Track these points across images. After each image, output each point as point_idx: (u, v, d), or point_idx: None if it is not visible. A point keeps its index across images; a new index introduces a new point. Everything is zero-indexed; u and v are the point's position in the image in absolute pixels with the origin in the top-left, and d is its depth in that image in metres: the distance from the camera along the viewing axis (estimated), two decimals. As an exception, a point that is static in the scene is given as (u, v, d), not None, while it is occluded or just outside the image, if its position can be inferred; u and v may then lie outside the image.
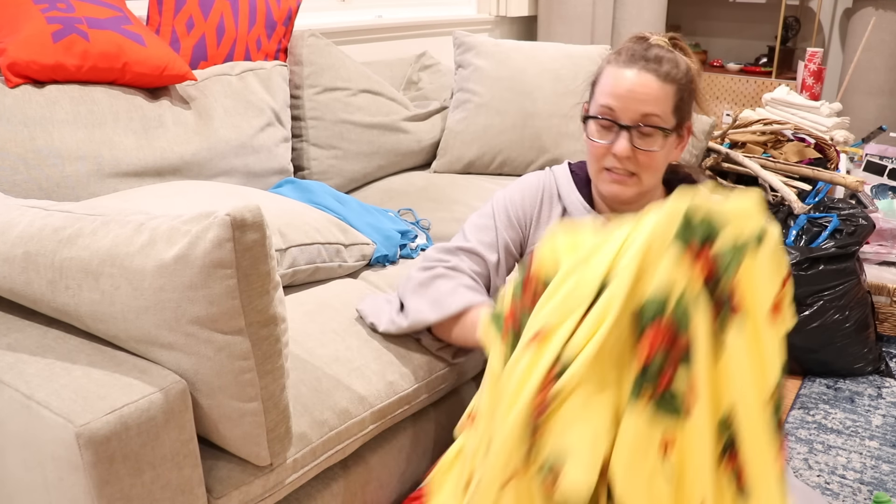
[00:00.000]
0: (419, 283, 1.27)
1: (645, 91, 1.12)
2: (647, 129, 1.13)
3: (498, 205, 1.33)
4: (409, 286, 1.28)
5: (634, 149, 1.14)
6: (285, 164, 1.87)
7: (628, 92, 1.13)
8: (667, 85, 1.13)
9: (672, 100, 1.14)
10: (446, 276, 1.26)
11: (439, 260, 1.29)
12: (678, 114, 1.16)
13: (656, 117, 1.13)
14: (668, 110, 1.14)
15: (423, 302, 1.25)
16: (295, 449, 1.06)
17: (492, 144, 2.22)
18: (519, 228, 1.32)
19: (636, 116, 1.13)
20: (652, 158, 1.15)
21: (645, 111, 1.13)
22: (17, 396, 0.88)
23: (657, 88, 1.13)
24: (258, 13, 1.91)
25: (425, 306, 1.24)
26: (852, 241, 1.96)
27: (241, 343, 0.90)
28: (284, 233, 1.32)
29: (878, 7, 3.28)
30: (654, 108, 1.13)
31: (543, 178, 1.33)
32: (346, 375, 1.18)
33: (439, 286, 1.25)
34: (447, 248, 1.31)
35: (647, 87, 1.12)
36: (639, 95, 1.12)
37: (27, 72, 1.44)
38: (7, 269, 0.98)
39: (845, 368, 2.03)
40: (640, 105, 1.13)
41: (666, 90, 1.13)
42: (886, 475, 1.65)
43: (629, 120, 1.14)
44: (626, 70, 1.14)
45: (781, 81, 3.49)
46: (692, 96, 1.19)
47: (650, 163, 1.15)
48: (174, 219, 0.90)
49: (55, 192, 1.42)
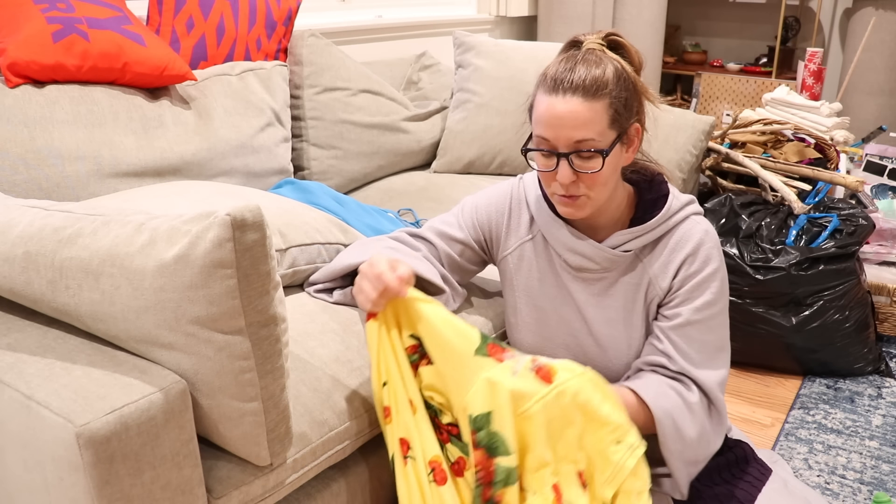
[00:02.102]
0: (360, 242, 1.35)
1: (573, 117, 1.09)
2: (584, 153, 1.11)
3: (466, 207, 1.37)
4: (351, 245, 1.37)
5: (577, 173, 1.13)
6: (285, 164, 1.87)
7: (558, 120, 1.10)
8: (596, 102, 1.10)
9: (605, 115, 1.11)
10: (381, 241, 1.32)
11: (388, 234, 1.36)
12: (616, 125, 1.12)
13: (591, 140, 1.10)
14: (604, 127, 1.11)
15: (350, 252, 1.31)
16: (295, 449, 1.06)
17: (492, 144, 2.22)
18: (481, 233, 1.35)
19: (571, 143, 1.11)
20: (596, 178, 1.13)
21: (578, 137, 1.10)
22: (17, 396, 0.88)
23: (585, 111, 1.09)
24: (258, 13, 1.91)
25: (348, 254, 1.30)
26: (852, 241, 1.96)
27: (242, 343, 0.90)
28: (284, 233, 1.32)
29: (878, 7, 3.28)
30: (586, 132, 1.10)
31: (513, 186, 1.35)
32: (346, 375, 1.18)
33: (372, 246, 1.30)
34: (403, 230, 1.37)
35: (575, 112, 1.09)
36: (569, 122, 1.10)
37: (27, 72, 1.44)
38: (7, 269, 0.98)
39: (845, 368, 2.04)
40: (571, 132, 1.10)
41: (595, 108, 1.10)
42: (886, 475, 1.65)
43: (565, 147, 1.12)
44: (552, 97, 1.11)
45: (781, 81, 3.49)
46: (633, 100, 1.15)
47: (596, 182, 1.13)
48: (174, 219, 0.90)
49: (55, 192, 1.42)
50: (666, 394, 1.18)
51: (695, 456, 1.21)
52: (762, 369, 2.10)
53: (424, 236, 1.36)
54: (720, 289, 1.22)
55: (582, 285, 1.27)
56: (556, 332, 1.31)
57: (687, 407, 1.19)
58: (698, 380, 1.20)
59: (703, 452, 1.22)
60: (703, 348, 1.21)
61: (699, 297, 1.20)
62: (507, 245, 1.34)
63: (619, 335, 1.26)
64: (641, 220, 1.23)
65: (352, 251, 1.32)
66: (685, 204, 1.24)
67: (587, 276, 1.26)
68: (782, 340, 1.99)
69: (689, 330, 1.21)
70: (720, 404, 1.23)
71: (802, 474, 1.65)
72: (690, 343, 1.21)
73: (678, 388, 1.20)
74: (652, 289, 1.23)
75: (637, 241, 1.22)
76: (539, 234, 1.31)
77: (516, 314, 1.34)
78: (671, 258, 1.22)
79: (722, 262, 1.23)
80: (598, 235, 1.26)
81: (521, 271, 1.32)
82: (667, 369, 1.22)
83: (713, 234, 1.23)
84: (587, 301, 1.27)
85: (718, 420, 1.24)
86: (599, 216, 1.23)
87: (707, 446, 1.22)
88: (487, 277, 1.55)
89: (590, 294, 1.27)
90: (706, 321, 1.21)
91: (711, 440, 1.22)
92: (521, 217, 1.33)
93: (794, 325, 1.96)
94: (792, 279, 1.93)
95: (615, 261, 1.23)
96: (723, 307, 1.23)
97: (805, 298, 1.95)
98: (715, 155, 2.46)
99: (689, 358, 1.21)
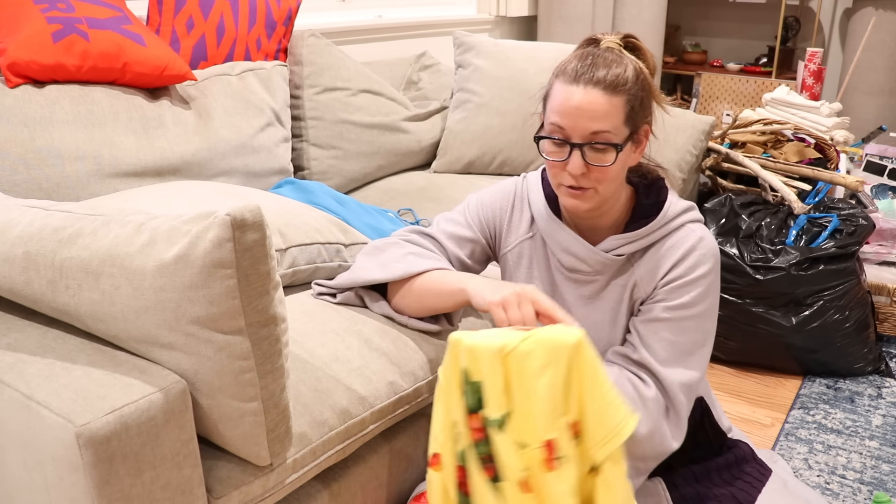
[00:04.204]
0: (373, 247, 1.33)
1: (592, 108, 1.10)
2: (599, 145, 1.11)
3: (471, 205, 1.36)
4: (363, 251, 1.35)
5: (588, 165, 1.12)
6: (285, 164, 1.87)
7: (576, 110, 1.10)
8: (615, 97, 1.10)
9: (622, 111, 1.11)
10: (398, 245, 1.31)
11: (400, 236, 1.34)
12: (631, 122, 1.13)
13: (607, 133, 1.11)
14: (619, 123, 1.11)
15: (371, 262, 1.30)
16: (295, 449, 1.06)
17: (492, 144, 2.22)
18: (487, 229, 1.35)
19: (586, 134, 1.11)
20: (607, 172, 1.13)
21: (594, 129, 1.10)
22: (17, 396, 0.88)
23: (605, 103, 1.10)
24: (258, 13, 1.91)
25: (373, 265, 1.29)
26: (852, 241, 1.96)
27: (241, 343, 0.90)
28: (284, 233, 1.32)
29: (878, 7, 3.28)
30: (603, 124, 1.10)
31: (517, 184, 1.35)
32: (346, 375, 1.18)
33: (391, 252, 1.29)
34: (412, 229, 1.36)
35: (595, 103, 1.10)
36: (586, 113, 1.10)
37: (27, 72, 1.44)
38: (7, 269, 0.98)
39: (845, 368, 2.04)
40: (588, 123, 1.10)
41: (614, 103, 1.10)
42: (886, 475, 1.65)
43: (580, 138, 1.12)
44: (572, 87, 1.11)
45: (781, 81, 3.49)
46: (647, 99, 1.16)
47: (606, 176, 1.13)
48: (174, 219, 0.90)
49: (55, 192, 1.42)
50: (622, 384, 1.17)
51: (643, 452, 1.18)
52: (762, 369, 2.10)
53: (435, 237, 1.34)
54: (702, 294, 1.19)
55: (573, 286, 1.27)
56: None
57: (641, 401, 1.16)
58: (658, 374, 1.18)
59: (653, 450, 1.19)
60: (670, 347, 1.19)
61: (676, 298, 1.19)
62: (508, 242, 1.34)
63: (603, 337, 1.26)
64: (637, 224, 1.22)
65: (371, 266, 1.30)
66: (683, 211, 1.23)
67: (579, 277, 1.26)
68: (782, 340, 1.99)
69: (658, 326, 1.19)
70: (679, 405, 1.19)
71: (802, 474, 1.65)
72: (658, 340, 1.19)
73: (635, 381, 1.18)
74: (637, 290, 1.23)
75: (630, 247, 1.21)
76: (538, 232, 1.31)
77: None
78: (660, 263, 1.21)
79: (713, 270, 1.20)
80: (595, 238, 1.25)
81: (520, 269, 1.33)
82: (629, 359, 1.20)
83: (708, 242, 1.21)
84: (576, 302, 1.27)
85: (676, 421, 1.20)
86: (600, 217, 1.23)
87: (660, 445, 1.18)
88: (487, 277, 1.55)
89: (579, 295, 1.27)
90: (678, 321, 1.19)
91: (666, 439, 1.19)
92: (522, 215, 1.33)
93: (794, 325, 1.96)
94: (792, 279, 1.93)
95: (607, 264, 1.23)
96: (700, 312, 1.20)
97: (805, 298, 1.95)
98: (715, 155, 2.46)
99: (654, 352, 1.19)
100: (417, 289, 1.25)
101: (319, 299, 1.34)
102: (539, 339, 0.98)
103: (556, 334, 0.98)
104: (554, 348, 0.97)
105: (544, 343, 0.97)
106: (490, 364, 0.98)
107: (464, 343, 1.00)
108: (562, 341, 0.97)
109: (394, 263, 1.26)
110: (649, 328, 1.20)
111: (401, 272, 1.24)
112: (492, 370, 0.98)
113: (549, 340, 0.97)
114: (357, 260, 1.34)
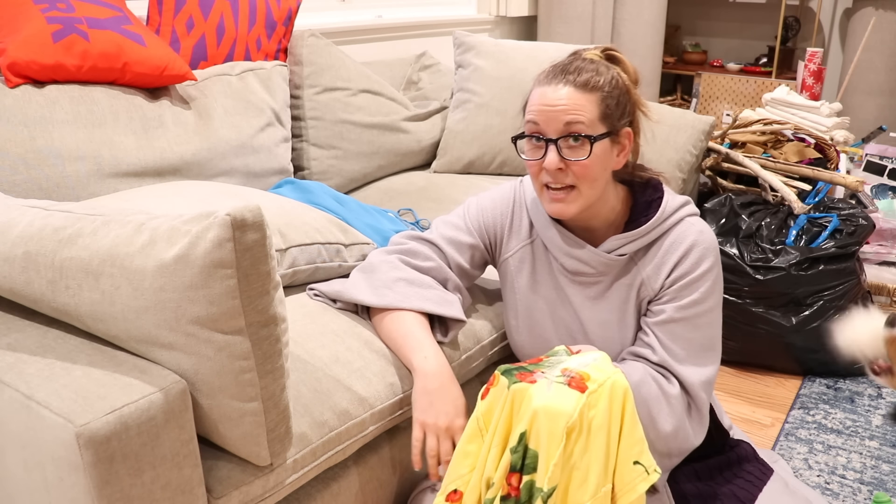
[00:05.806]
0: (369, 263, 1.34)
1: (563, 102, 1.13)
2: (572, 139, 1.13)
3: (470, 209, 1.37)
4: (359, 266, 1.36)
5: (564, 160, 1.14)
6: (285, 164, 1.87)
7: (550, 106, 1.14)
8: (589, 94, 1.14)
9: (596, 107, 1.14)
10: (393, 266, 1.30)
11: (399, 243, 1.34)
12: (607, 121, 1.15)
13: (580, 125, 1.13)
14: (594, 118, 1.14)
15: (363, 280, 1.31)
16: (295, 449, 1.06)
17: (492, 144, 2.22)
18: (487, 235, 1.35)
19: (560, 127, 1.13)
20: (585, 168, 1.14)
21: (566, 120, 1.13)
22: (17, 396, 0.88)
23: (578, 98, 1.13)
24: (258, 13, 1.91)
25: (363, 284, 1.30)
26: (852, 241, 1.96)
27: (242, 343, 0.90)
28: (284, 233, 1.32)
29: (878, 7, 3.28)
30: (574, 116, 1.13)
31: (515, 189, 1.36)
32: (346, 376, 1.18)
33: (384, 273, 1.30)
34: (411, 235, 1.36)
35: (567, 98, 1.13)
36: (558, 106, 1.13)
37: (27, 72, 1.44)
38: (7, 268, 0.98)
39: (845, 368, 2.04)
40: (560, 115, 1.13)
41: (586, 98, 1.13)
42: (886, 475, 1.65)
43: (554, 132, 1.14)
44: (546, 87, 1.15)
45: (781, 81, 3.49)
46: (626, 105, 1.18)
47: (585, 173, 1.15)
48: (174, 219, 0.90)
49: (55, 192, 1.42)
50: (647, 382, 1.18)
51: (667, 448, 1.20)
52: (762, 369, 2.10)
53: (436, 243, 1.34)
54: (710, 289, 1.21)
55: (578, 288, 1.27)
56: (553, 334, 1.31)
57: (665, 398, 1.18)
58: (680, 375, 1.20)
59: (678, 447, 1.21)
60: (688, 345, 1.21)
61: (687, 296, 1.20)
62: (509, 248, 1.34)
63: (613, 336, 1.27)
64: (636, 223, 1.22)
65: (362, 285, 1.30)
66: (680, 206, 1.24)
67: (583, 279, 1.27)
68: (782, 340, 1.99)
69: (673, 327, 1.21)
70: (700, 402, 1.21)
71: (802, 474, 1.65)
72: (675, 339, 1.21)
73: (659, 379, 1.19)
74: (644, 289, 1.23)
75: (632, 245, 1.22)
76: (538, 237, 1.31)
77: (517, 316, 1.34)
78: (664, 260, 1.22)
79: (716, 263, 1.22)
80: (594, 239, 1.26)
81: (522, 274, 1.32)
82: (649, 361, 1.22)
83: (708, 235, 1.22)
84: (583, 304, 1.27)
85: (698, 418, 1.22)
86: (592, 219, 1.23)
87: (684, 441, 1.21)
88: (487, 278, 1.55)
89: (585, 297, 1.27)
90: (692, 319, 1.21)
91: (689, 436, 1.21)
92: (522, 220, 1.33)
93: (794, 325, 1.96)
94: (792, 279, 1.93)
95: (610, 265, 1.23)
96: (711, 307, 1.22)
97: (805, 298, 1.95)
98: (715, 155, 2.46)
99: (672, 353, 1.20)
100: (387, 325, 1.26)
101: (319, 301, 1.35)
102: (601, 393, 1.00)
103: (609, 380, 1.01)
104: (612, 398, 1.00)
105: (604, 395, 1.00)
106: (549, 437, 0.97)
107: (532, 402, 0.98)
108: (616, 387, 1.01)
109: (383, 289, 1.27)
110: (665, 329, 1.21)
111: (385, 303, 1.25)
112: (551, 444, 0.97)
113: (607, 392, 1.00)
114: (352, 273, 1.35)
